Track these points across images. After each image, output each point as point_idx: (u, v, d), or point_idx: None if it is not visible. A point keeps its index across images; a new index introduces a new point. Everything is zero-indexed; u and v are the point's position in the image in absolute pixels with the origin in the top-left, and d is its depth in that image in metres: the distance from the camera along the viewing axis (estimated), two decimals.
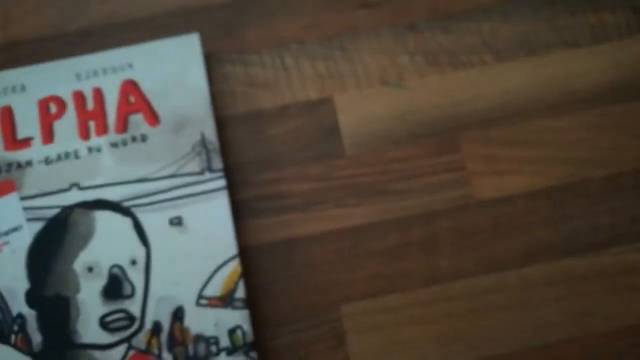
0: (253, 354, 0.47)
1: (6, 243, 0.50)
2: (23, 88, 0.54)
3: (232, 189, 0.51)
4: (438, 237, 0.51)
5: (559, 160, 0.53)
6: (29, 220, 0.50)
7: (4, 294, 0.49)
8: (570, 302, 0.49)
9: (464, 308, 0.49)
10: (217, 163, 0.51)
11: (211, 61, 0.55)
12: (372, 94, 0.54)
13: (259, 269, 0.50)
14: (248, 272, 0.50)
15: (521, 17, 0.56)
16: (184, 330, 0.48)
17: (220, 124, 0.53)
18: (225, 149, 0.53)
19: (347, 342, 0.49)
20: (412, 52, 0.55)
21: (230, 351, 0.47)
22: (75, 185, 0.51)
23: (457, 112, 0.54)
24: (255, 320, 0.48)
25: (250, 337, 0.47)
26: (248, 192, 0.52)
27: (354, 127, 0.53)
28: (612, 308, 0.49)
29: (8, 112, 0.53)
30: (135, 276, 0.49)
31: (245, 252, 0.50)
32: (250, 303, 0.49)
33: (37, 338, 0.47)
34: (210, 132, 0.52)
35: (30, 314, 0.48)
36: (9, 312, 0.48)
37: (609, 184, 0.52)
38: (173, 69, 0.54)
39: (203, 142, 0.52)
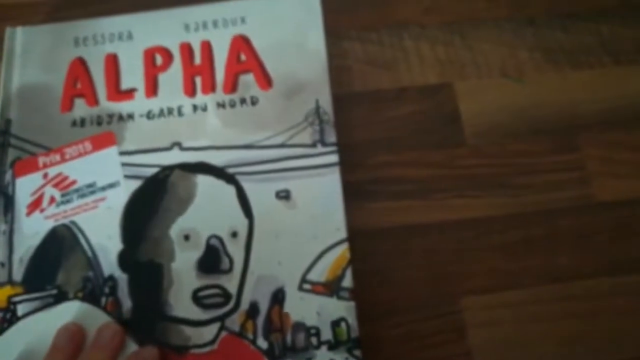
0: (357, 352, 0.33)
1: (103, 199, 0.36)
2: (130, 36, 0.40)
3: (345, 169, 0.37)
4: (558, 235, 0.38)
5: None
6: (127, 177, 0.36)
7: (97, 252, 0.34)
8: None
9: (584, 309, 0.36)
10: (331, 136, 0.37)
11: (328, 36, 0.40)
12: (492, 85, 0.41)
13: (370, 255, 0.37)
14: (357, 258, 0.35)
15: None
16: (283, 316, 0.33)
17: (336, 101, 0.39)
18: (339, 127, 0.38)
19: (468, 335, 0.35)
20: (531, 48, 0.42)
21: (332, 346, 0.33)
22: (177, 145, 0.37)
23: (575, 111, 0.40)
24: (364, 309, 0.34)
25: (355, 332, 0.33)
26: (362, 173, 0.38)
27: (475, 116, 0.40)
28: None
29: (113, 60, 0.39)
30: (235, 250, 0.34)
31: (354, 237, 0.36)
32: (357, 293, 0.34)
33: (127, 304, 0.33)
34: (325, 101, 0.38)
35: (121, 278, 0.34)
36: (101, 272, 0.34)
37: None
38: (290, 28, 0.40)
39: (317, 111, 0.38)
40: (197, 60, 0.39)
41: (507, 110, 0.40)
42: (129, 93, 0.38)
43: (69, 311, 0.34)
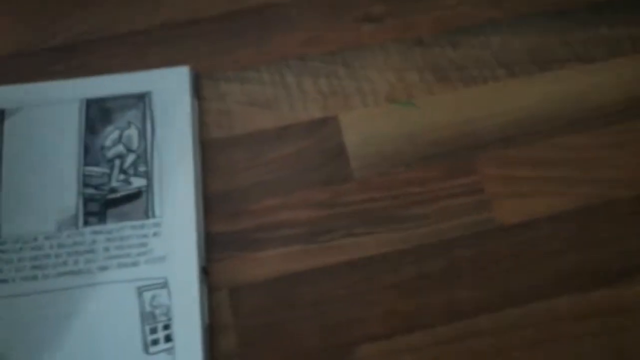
0: None
1: None
2: None
3: (227, 218, 0.36)
4: (458, 267, 0.35)
5: (582, 180, 0.38)
6: None
7: None
8: (603, 338, 0.34)
9: (491, 345, 0.34)
10: None
11: (204, 79, 0.40)
12: (380, 113, 0.39)
13: (257, 310, 0.34)
14: (243, 314, 0.34)
15: (531, 30, 0.42)
16: None
17: (215, 146, 0.38)
18: (220, 173, 0.37)
19: None
20: (421, 68, 0.40)
21: None
22: None
23: (470, 130, 0.39)
24: None
25: None
26: (246, 221, 0.36)
27: (362, 148, 0.38)
28: None
29: None
30: None
31: (240, 291, 0.34)
32: (244, 354, 0.33)
33: None
34: None
35: None
36: None
37: (636, 206, 0.38)
38: None
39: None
40: None
41: (397, 138, 0.38)
42: None
43: None
